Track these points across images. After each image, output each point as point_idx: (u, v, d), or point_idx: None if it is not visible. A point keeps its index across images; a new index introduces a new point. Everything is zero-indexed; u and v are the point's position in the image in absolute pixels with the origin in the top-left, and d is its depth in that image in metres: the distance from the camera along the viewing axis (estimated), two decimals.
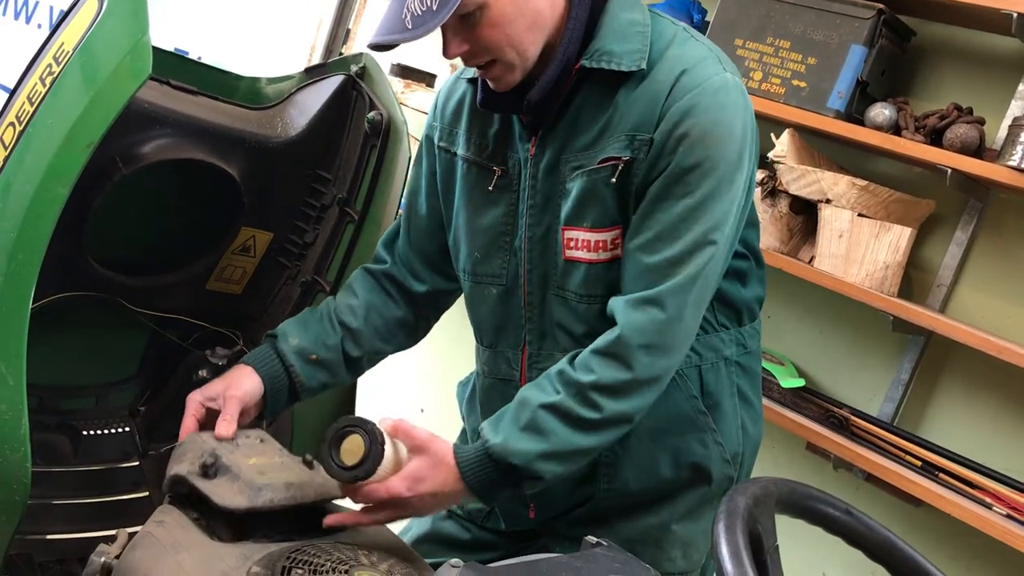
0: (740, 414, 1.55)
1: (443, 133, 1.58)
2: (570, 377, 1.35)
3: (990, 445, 2.14)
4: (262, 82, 1.86)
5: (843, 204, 2.16)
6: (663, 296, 1.34)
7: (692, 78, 1.34)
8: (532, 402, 1.35)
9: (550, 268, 1.47)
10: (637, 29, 1.38)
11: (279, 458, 1.37)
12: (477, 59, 1.37)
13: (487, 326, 1.57)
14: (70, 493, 1.78)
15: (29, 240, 1.26)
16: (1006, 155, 1.93)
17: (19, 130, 1.33)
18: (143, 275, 1.82)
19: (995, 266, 2.17)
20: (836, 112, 2.15)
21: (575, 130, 1.41)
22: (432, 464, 1.34)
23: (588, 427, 1.34)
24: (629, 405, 1.35)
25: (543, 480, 1.36)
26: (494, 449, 1.33)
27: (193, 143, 1.68)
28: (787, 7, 2.23)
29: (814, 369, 2.42)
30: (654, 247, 1.34)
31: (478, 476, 1.35)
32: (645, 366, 1.34)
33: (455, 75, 1.61)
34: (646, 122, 1.34)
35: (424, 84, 3.07)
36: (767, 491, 1.06)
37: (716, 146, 1.33)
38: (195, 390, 1.52)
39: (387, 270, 1.68)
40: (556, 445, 1.33)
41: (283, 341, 1.56)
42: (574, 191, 1.40)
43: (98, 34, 1.30)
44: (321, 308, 1.64)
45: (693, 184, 1.32)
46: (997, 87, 2.16)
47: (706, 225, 1.34)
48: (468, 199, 1.54)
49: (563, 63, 1.38)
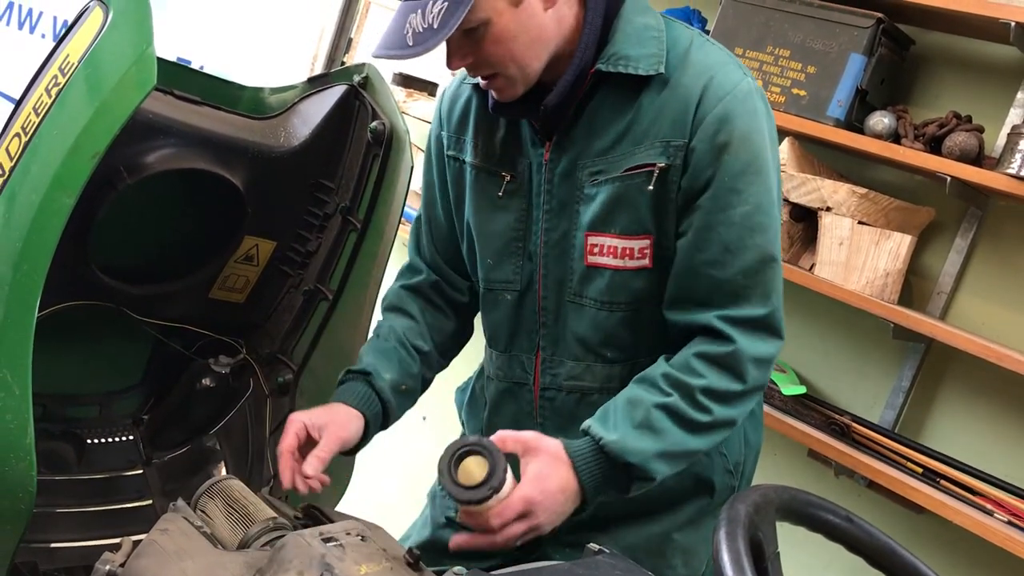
0: (744, 424, 1.56)
1: (451, 141, 1.59)
2: (679, 379, 1.36)
3: (991, 452, 2.14)
4: (265, 92, 1.87)
5: (843, 212, 2.16)
6: (770, 318, 1.38)
7: (721, 84, 1.35)
8: (645, 401, 1.35)
9: (566, 273, 1.47)
10: (652, 34, 1.39)
11: (385, 561, 1.25)
12: (479, 72, 1.39)
13: (502, 331, 1.57)
14: (74, 501, 1.78)
15: (35, 250, 1.27)
16: (1005, 163, 1.93)
17: (25, 141, 1.34)
18: (146, 284, 1.83)
19: (995, 273, 2.18)
20: (836, 120, 2.16)
21: (592, 135, 1.41)
22: (550, 461, 1.33)
23: (698, 429, 1.36)
24: (736, 411, 1.38)
25: (653, 481, 1.36)
26: (610, 446, 1.33)
27: (197, 153, 1.69)
28: (787, 16, 2.24)
29: (815, 376, 2.42)
30: (725, 260, 1.36)
31: (591, 472, 1.34)
32: (755, 379, 1.37)
33: (458, 79, 1.61)
34: (679, 127, 1.35)
35: (426, 93, 3.08)
36: (768, 498, 1.06)
37: (757, 151, 1.36)
38: (299, 412, 1.49)
39: (432, 283, 1.68)
40: (670, 445, 1.34)
41: (378, 378, 1.54)
42: (600, 196, 1.41)
43: (103, 45, 1.31)
44: (388, 336, 1.62)
45: (744, 191, 1.35)
46: (996, 95, 2.16)
47: (766, 233, 1.37)
48: (478, 206, 1.54)
49: (579, 68, 1.39)
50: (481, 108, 1.53)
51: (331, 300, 1.88)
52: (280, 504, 1.49)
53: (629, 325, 1.44)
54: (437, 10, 1.26)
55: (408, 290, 1.69)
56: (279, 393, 1.96)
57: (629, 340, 1.47)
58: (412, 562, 1.23)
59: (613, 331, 1.45)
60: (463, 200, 1.57)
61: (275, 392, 1.97)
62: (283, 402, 1.96)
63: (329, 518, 1.43)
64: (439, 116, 1.62)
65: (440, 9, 1.26)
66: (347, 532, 1.30)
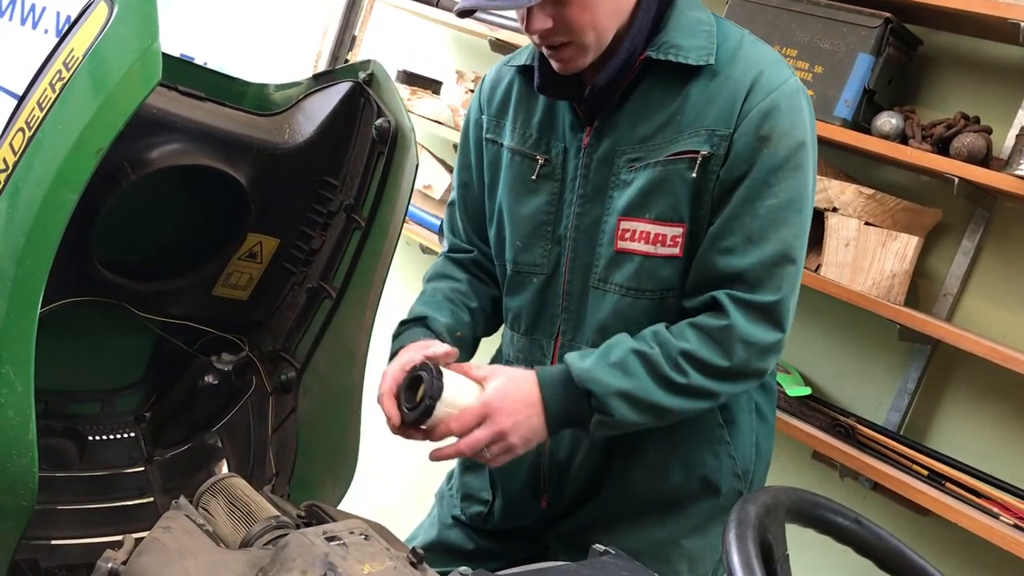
0: (755, 430, 1.56)
1: (490, 124, 1.60)
2: (664, 338, 1.38)
3: (997, 454, 2.13)
4: (270, 88, 1.86)
5: (850, 212, 2.15)
6: (774, 307, 1.38)
7: (770, 79, 1.37)
8: (625, 345, 1.38)
9: (593, 259, 1.48)
10: (703, 27, 1.41)
11: (389, 560, 1.27)
12: (556, 37, 1.38)
13: (525, 314, 1.58)
14: (76, 498, 1.78)
15: (38, 245, 1.26)
16: (1013, 164, 1.92)
17: (29, 135, 1.33)
18: (150, 280, 1.82)
19: (1002, 275, 2.17)
20: (843, 120, 2.15)
21: (635, 121, 1.42)
22: (514, 377, 1.38)
23: (671, 388, 1.37)
24: (715, 385, 1.39)
25: (612, 419, 1.37)
26: (577, 372, 1.36)
27: (201, 149, 1.68)
28: (794, 15, 2.23)
29: (820, 377, 2.41)
30: (745, 249, 1.36)
31: (555, 394, 1.37)
32: (742, 359, 1.37)
33: (501, 62, 1.62)
34: (725, 118, 1.37)
35: (431, 91, 3.06)
36: (777, 500, 1.05)
37: (796, 149, 1.37)
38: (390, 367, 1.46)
39: (472, 258, 1.70)
40: (636, 389, 1.36)
41: (434, 322, 1.56)
42: (638, 182, 1.41)
43: (108, 40, 1.30)
44: (435, 293, 1.64)
45: (776, 185, 1.36)
46: (1004, 96, 2.15)
47: (791, 228, 1.37)
48: (511, 188, 1.55)
49: (629, 53, 1.40)
50: (521, 91, 1.55)
51: (335, 298, 1.87)
52: (282, 502, 1.49)
53: (652, 314, 1.45)
54: None
55: (450, 260, 1.72)
56: (282, 391, 1.95)
57: None
58: (415, 562, 1.23)
59: (636, 319, 1.45)
60: (497, 182, 1.59)
61: (278, 390, 1.96)
62: (286, 400, 1.95)
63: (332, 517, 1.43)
64: (479, 100, 1.63)
65: None
66: (350, 531, 1.29)
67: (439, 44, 3.33)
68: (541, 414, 1.37)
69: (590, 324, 1.50)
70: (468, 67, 3.13)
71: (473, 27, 2.84)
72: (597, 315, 1.48)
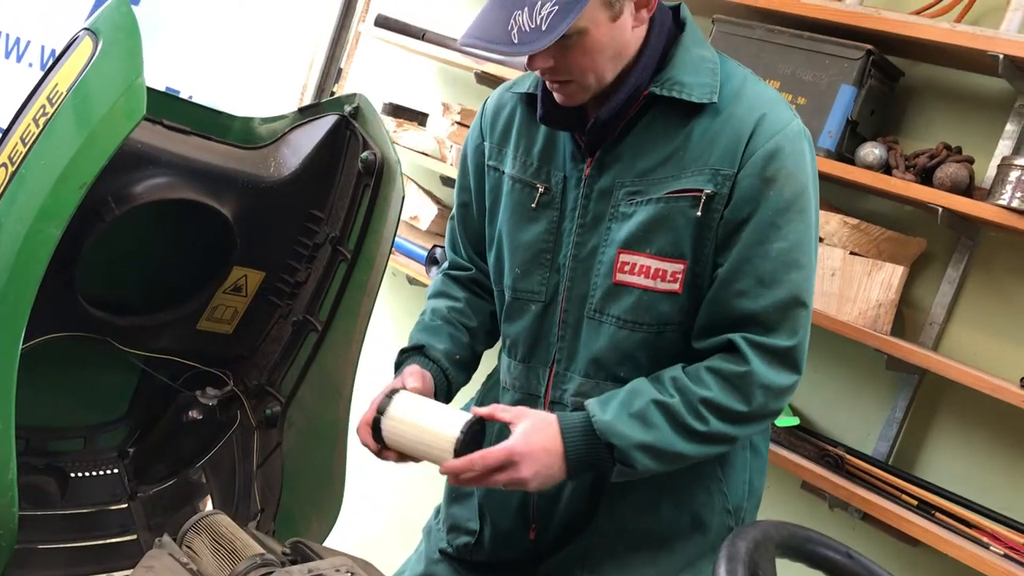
0: (749, 466, 1.55)
1: (492, 152, 1.60)
2: (685, 385, 1.38)
3: (985, 483, 2.13)
4: (255, 122, 1.86)
5: (835, 242, 2.16)
6: (792, 351, 1.39)
7: (774, 121, 1.38)
8: (645, 395, 1.38)
9: (589, 289, 1.48)
10: (708, 65, 1.42)
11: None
12: (556, 76, 1.39)
13: (523, 341, 1.58)
14: (58, 537, 1.76)
15: (20, 281, 1.25)
16: (995, 194, 1.94)
17: (11, 171, 1.33)
18: (134, 315, 1.81)
19: (987, 304, 2.18)
20: (827, 151, 2.17)
21: (636, 155, 1.43)
22: (540, 421, 1.38)
23: (692, 436, 1.37)
24: (735, 430, 1.39)
25: (635, 470, 1.37)
26: (599, 425, 1.36)
27: (186, 183, 1.68)
28: (777, 47, 2.25)
29: (808, 407, 2.41)
30: (757, 292, 1.37)
31: (576, 445, 1.37)
32: (761, 404, 1.38)
33: (503, 87, 1.63)
34: (729, 157, 1.37)
35: (416, 123, 3.07)
36: (767, 535, 1.05)
37: (800, 191, 1.38)
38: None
39: (471, 276, 1.71)
40: (658, 441, 1.36)
41: (432, 350, 1.58)
42: (639, 216, 1.42)
43: (93, 75, 1.31)
44: (433, 316, 1.66)
45: (784, 227, 1.37)
46: (985, 127, 2.17)
47: (801, 270, 1.38)
48: (511, 215, 1.56)
49: (633, 88, 1.41)
50: (523, 119, 1.56)
51: (320, 331, 1.86)
52: (267, 539, 1.47)
53: (649, 347, 1.45)
54: (547, 12, 1.27)
55: (450, 278, 1.73)
56: (267, 425, 1.94)
57: (646, 362, 1.47)
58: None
59: (632, 351, 1.45)
60: (497, 209, 1.59)
61: (263, 424, 1.94)
62: (271, 435, 1.94)
63: (318, 554, 1.41)
64: (480, 127, 1.64)
65: (550, 12, 1.27)
66: (336, 569, 1.30)
67: (425, 77, 3.35)
68: (561, 461, 1.37)
69: (584, 354, 1.49)
70: (454, 99, 3.14)
71: (459, 60, 2.86)
72: (592, 345, 1.48)
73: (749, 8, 2.30)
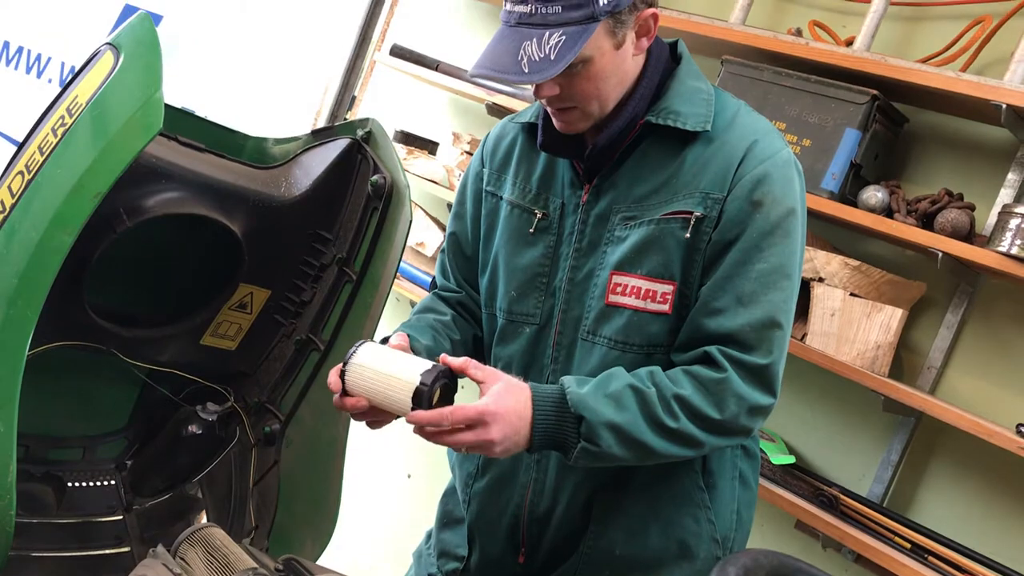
0: (737, 497, 1.56)
1: (491, 178, 1.64)
2: (661, 380, 1.39)
3: (979, 529, 2.12)
4: (269, 142, 1.89)
5: (835, 283, 2.18)
6: (765, 370, 1.40)
7: (764, 148, 1.42)
8: (622, 379, 1.39)
9: (584, 311, 1.50)
10: (703, 96, 1.47)
11: None
12: (561, 103, 1.43)
13: (516, 363, 1.59)
14: (51, 545, 1.76)
15: (31, 287, 1.27)
16: (996, 241, 1.96)
17: (28, 179, 1.35)
18: (139, 327, 1.82)
19: (985, 350, 2.18)
20: (830, 193, 2.19)
21: (632, 181, 1.47)
22: (511, 387, 1.37)
23: (660, 429, 1.37)
24: (703, 436, 1.39)
25: (599, 450, 1.36)
26: (572, 397, 1.36)
27: (197, 199, 1.70)
28: (784, 90, 2.28)
29: (804, 446, 2.41)
30: (735, 311, 1.39)
31: (546, 414, 1.37)
32: (732, 414, 1.38)
33: (507, 119, 1.68)
34: (719, 182, 1.41)
35: (426, 152, 3.11)
36: (757, 563, 1.05)
37: (786, 216, 1.41)
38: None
39: (459, 299, 1.72)
40: (627, 424, 1.36)
41: (415, 341, 1.56)
42: (631, 238, 1.45)
43: (112, 88, 1.33)
44: (420, 320, 1.64)
45: (767, 250, 1.40)
46: (987, 175, 2.20)
47: (781, 293, 1.41)
48: (508, 240, 1.58)
49: (630, 117, 1.45)
50: (524, 147, 1.60)
51: (323, 351, 1.87)
52: (261, 555, 1.47)
53: (639, 368, 1.45)
54: (555, 42, 1.32)
55: (439, 297, 1.73)
56: (265, 443, 1.94)
57: None
58: None
59: None
60: (494, 233, 1.62)
61: (261, 442, 1.95)
62: (268, 452, 1.94)
63: (310, 572, 1.41)
64: (481, 154, 1.68)
65: (558, 42, 1.32)
66: None
67: (437, 106, 3.39)
68: (528, 429, 1.37)
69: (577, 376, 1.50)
70: (465, 129, 3.18)
71: (471, 91, 2.90)
72: (584, 367, 1.50)
73: (758, 50, 2.33)
